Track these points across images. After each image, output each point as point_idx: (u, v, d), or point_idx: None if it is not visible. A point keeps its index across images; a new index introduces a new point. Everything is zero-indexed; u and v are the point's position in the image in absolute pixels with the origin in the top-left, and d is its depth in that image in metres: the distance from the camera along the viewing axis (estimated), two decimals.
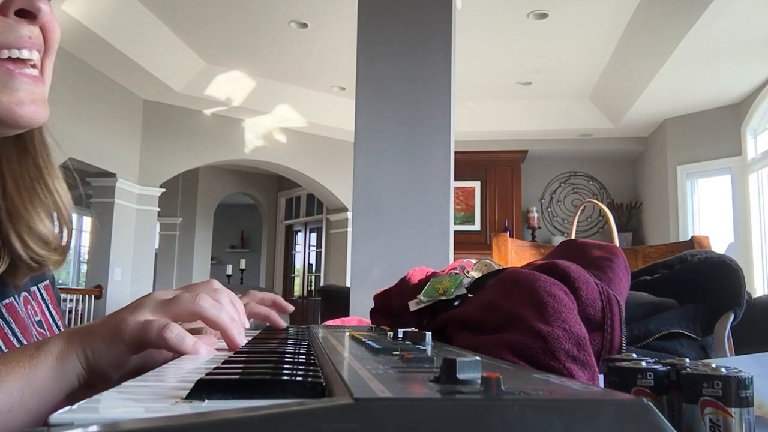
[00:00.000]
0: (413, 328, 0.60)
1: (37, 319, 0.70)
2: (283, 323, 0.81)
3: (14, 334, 0.64)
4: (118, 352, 0.51)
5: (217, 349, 0.58)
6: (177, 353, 0.52)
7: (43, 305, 0.73)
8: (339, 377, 0.31)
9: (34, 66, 0.59)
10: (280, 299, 0.82)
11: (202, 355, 0.52)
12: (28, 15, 0.56)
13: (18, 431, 0.47)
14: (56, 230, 0.67)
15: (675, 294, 0.80)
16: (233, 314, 0.58)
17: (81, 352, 0.50)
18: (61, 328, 0.76)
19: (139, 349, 0.52)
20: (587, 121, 6.82)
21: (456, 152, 3.27)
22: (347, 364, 0.37)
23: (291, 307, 0.83)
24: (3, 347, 0.62)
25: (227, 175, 9.31)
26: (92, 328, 0.52)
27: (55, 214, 0.67)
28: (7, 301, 0.65)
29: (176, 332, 0.51)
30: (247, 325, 0.63)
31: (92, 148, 5.78)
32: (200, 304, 0.54)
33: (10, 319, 0.64)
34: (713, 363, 0.44)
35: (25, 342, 0.64)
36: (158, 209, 6.94)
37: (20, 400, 0.47)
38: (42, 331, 0.70)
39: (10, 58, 0.56)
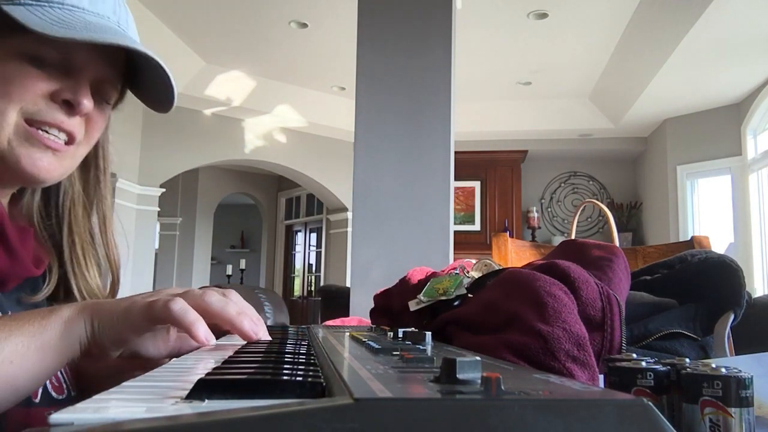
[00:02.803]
0: (413, 328, 0.60)
1: None
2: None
3: None
4: (122, 329, 0.54)
5: (221, 346, 0.58)
6: (180, 327, 0.54)
7: None
8: (339, 377, 0.31)
9: (65, 142, 0.70)
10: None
11: (200, 336, 0.53)
12: (70, 105, 0.68)
13: (17, 384, 0.50)
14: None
15: (675, 294, 0.80)
16: (246, 311, 0.60)
17: (89, 321, 0.53)
18: None
19: (144, 327, 0.55)
20: (587, 121, 6.82)
21: (456, 152, 3.27)
22: (347, 364, 0.37)
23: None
24: None
25: (227, 175, 9.30)
26: (104, 302, 0.56)
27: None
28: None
29: (180, 305, 0.53)
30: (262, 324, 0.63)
31: None
32: (207, 299, 0.56)
33: None
34: (713, 363, 0.44)
35: None
36: (158, 209, 6.93)
37: (24, 355, 0.50)
38: None
39: (41, 129, 0.67)
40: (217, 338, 0.60)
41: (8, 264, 0.65)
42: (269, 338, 0.62)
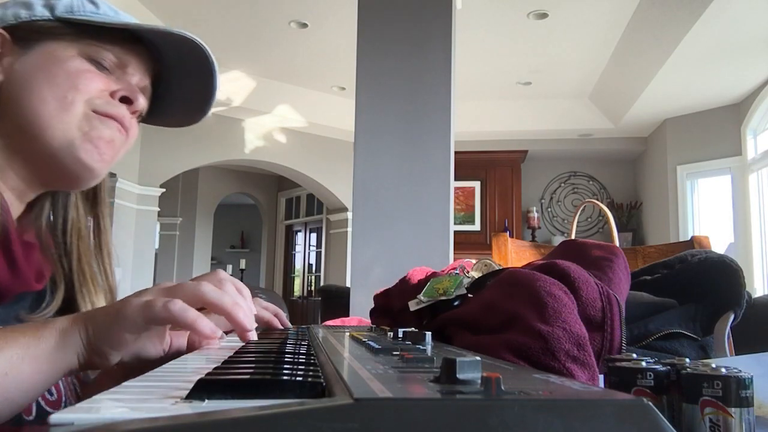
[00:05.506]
0: (413, 328, 0.60)
1: None
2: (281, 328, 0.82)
3: None
4: (118, 330, 0.53)
5: (222, 347, 0.58)
6: (180, 327, 0.54)
7: None
8: (339, 377, 0.31)
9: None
10: (282, 314, 0.85)
11: (206, 331, 0.53)
12: (127, 101, 0.76)
13: (11, 396, 0.50)
14: None
15: (675, 294, 0.80)
16: (238, 300, 0.60)
17: (83, 331, 0.53)
18: None
19: (140, 328, 0.54)
20: (587, 121, 6.82)
21: (456, 152, 3.27)
22: (347, 364, 0.37)
23: (289, 325, 0.86)
24: None
25: (227, 175, 9.30)
26: (97, 310, 0.56)
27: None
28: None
29: (179, 305, 0.53)
30: (255, 311, 0.64)
31: None
32: (202, 289, 0.56)
33: None
34: (713, 363, 0.44)
35: None
36: (158, 209, 6.93)
37: (18, 367, 0.50)
38: None
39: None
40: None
41: (9, 277, 0.65)
42: (255, 325, 0.63)
